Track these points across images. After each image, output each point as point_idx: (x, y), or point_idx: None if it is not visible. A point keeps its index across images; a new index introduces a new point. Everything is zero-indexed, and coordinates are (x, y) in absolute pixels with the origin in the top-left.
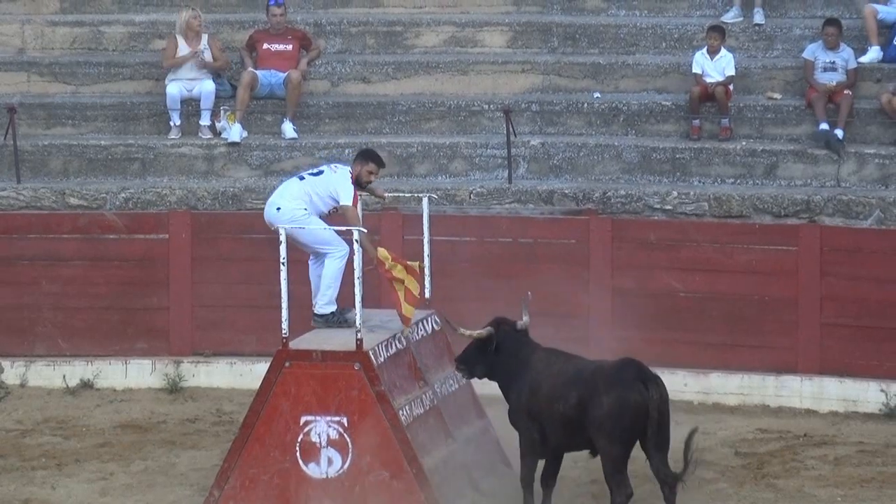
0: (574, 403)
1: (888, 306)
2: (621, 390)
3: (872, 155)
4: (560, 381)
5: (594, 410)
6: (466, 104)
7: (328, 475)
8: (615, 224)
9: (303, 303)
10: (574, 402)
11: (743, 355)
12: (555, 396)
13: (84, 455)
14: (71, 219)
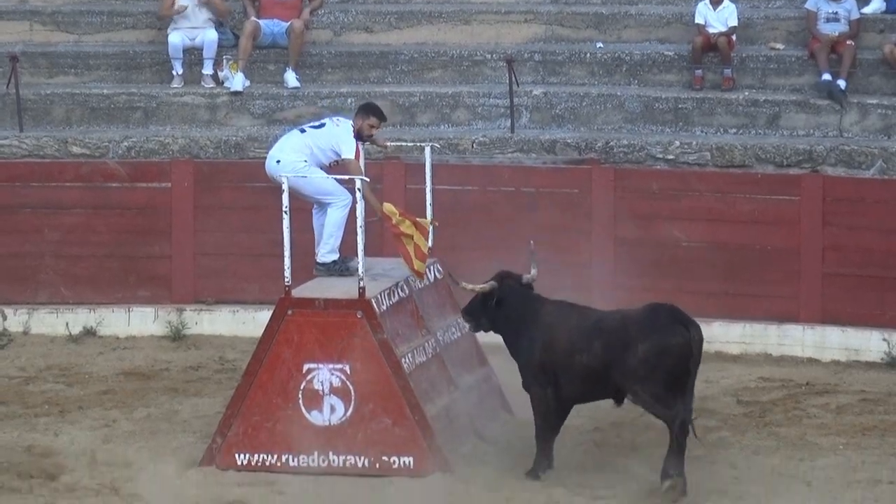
0: (599, 354)
1: (890, 256)
2: (660, 335)
3: (875, 105)
4: (579, 333)
5: (629, 359)
6: (469, 54)
7: (331, 422)
8: (617, 174)
9: (305, 251)
10: (599, 353)
11: (745, 304)
12: (575, 349)
13: (87, 402)
14: (73, 167)
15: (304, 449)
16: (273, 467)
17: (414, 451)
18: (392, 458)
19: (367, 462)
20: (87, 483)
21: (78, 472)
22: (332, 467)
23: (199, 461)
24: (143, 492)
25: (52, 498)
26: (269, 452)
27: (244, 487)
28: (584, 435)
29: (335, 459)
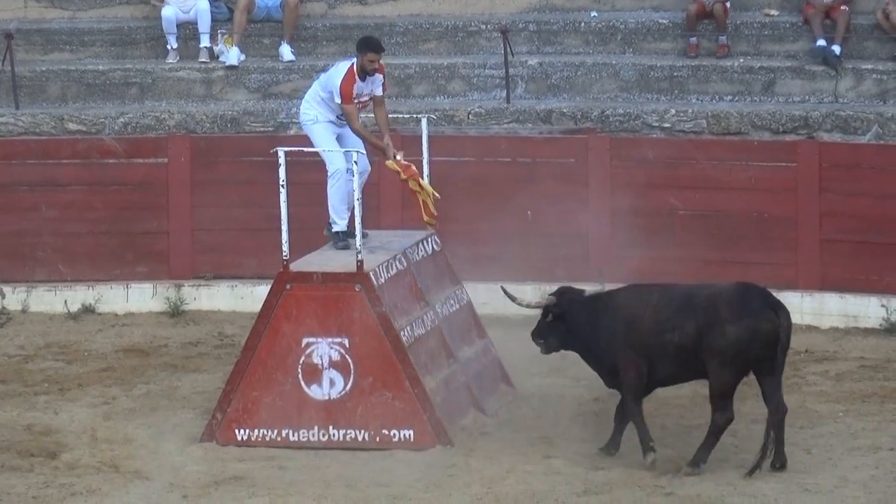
0: (691, 332)
1: (888, 221)
2: (751, 319)
3: (870, 70)
4: (667, 311)
5: (717, 339)
6: (464, 24)
7: (330, 396)
8: (613, 142)
9: (303, 225)
10: (691, 331)
11: (742, 272)
12: (664, 328)
13: (86, 380)
14: (70, 144)
15: (304, 423)
16: (273, 442)
17: (414, 424)
18: (392, 431)
19: (368, 436)
20: (87, 461)
21: (78, 449)
22: (332, 441)
23: (200, 437)
24: (144, 468)
25: (52, 476)
26: (269, 427)
27: (245, 463)
28: (584, 405)
29: (335, 434)
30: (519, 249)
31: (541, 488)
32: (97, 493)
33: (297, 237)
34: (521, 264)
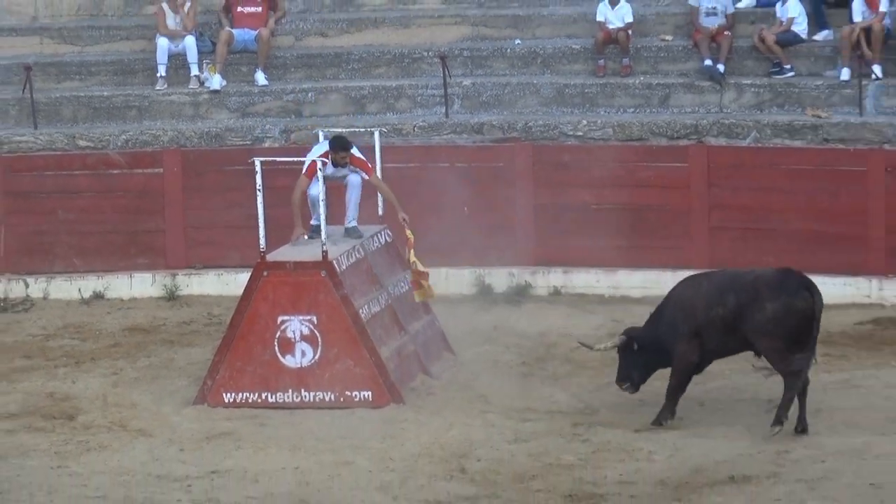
0: (733, 307)
1: (765, 211)
2: (787, 297)
3: (749, 85)
4: (714, 291)
5: (756, 314)
6: (409, 52)
7: (302, 365)
8: (535, 149)
9: (277, 223)
10: (733, 307)
11: (645, 256)
12: (712, 304)
13: (98, 354)
14: (80, 158)
15: (281, 388)
16: (255, 404)
17: (372, 386)
18: (354, 392)
19: (333, 397)
20: (100, 421)
21: (92, 412)
22: (304, 402)
23: (193, 400)
24: (147, 427)
25: (71, 435)
26: (251, 391)
27: (231, 421)
28: (514, 369)
29: (306, 395)
30: (457, 240)
31: (478, 438)
32: (108, 449)
33: (272, 233)
34: (460, 252)
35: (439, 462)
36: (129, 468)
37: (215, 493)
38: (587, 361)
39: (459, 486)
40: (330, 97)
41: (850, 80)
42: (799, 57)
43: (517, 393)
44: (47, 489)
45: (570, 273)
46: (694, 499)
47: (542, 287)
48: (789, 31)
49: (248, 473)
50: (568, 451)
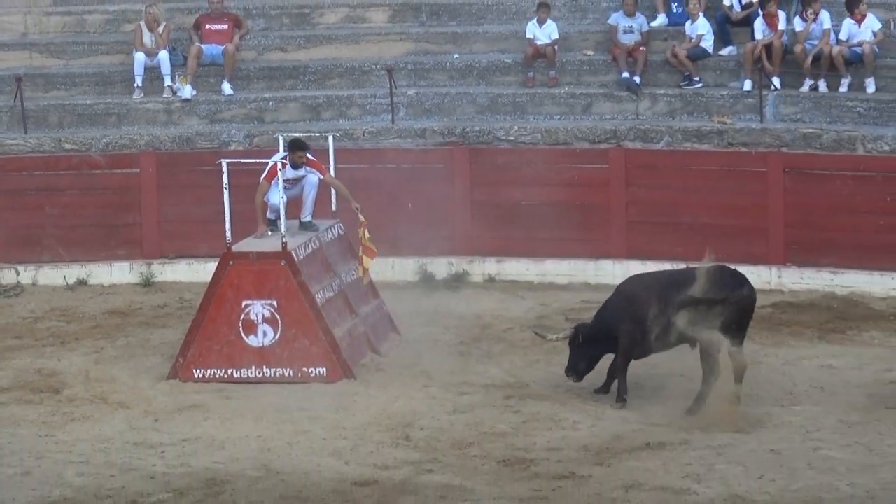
0: (678, 306)
1: (676, 206)
2: (728, 292)
3: (662, 94)
4: (660, 288)
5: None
6: (359, 65)
7: (264, 344)
8: (472, 152)
9: (241, 217)
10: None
11: (570, 247)
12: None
13: (81, 335)
14: (66, 159)
15: (245, 364)
16: (221, 379)
17: (326, 363)
18: (310, 369)
19: (292, 372)
20: (83, 395)
21: (76, 387)
22: (265, 377)
23: (166, 376)
24: (125, 400)
25: (57, 406)
26: (218, 368)
27: (201, 394)
28: (452, 348)
29: (268, 371)
30: (402, 232)
31: (421, 409)
32: (91, 419)
33: (237, 227)
34: (404, 243)
35: (386, 431)
36: (109, 436)
37: (186, 458)
38: (519, 341)
39: (404, 452)
40: (289, 105)
41: (751, 91)
42: (706, 70)
43: (456, 369)
44: (35, 455)
45: (503, 262)
46: (614, 463)
47: (477, 275)
48: (698, 47)
49: (216, 441)
50: (501, 421)
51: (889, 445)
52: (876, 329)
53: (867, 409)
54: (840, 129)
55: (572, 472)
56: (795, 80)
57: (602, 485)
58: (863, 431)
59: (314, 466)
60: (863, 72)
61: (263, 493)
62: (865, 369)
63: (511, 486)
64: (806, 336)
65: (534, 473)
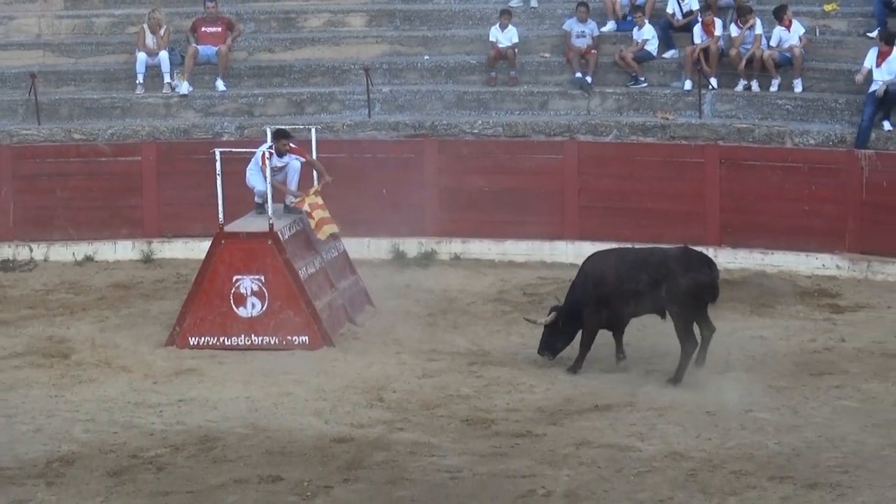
0: (646, 282)
1: (623, 193)
2: (695, 273)
3: (611, 93)
4: (625, 267)
5: (672, 288)
6: (339, 65)
7: (252, 315)
8: (440, 143)
9: (234, 201)
10: (646, 282)
11: (527, 229)
12: (624, 279)
13: (88, 305)
14: (75, 148)
15: (235, 333)
16: (214, 346)
17: (308, 332)
18: (294, 337)
19: (277, 340)
20: (89, 360)
21: (83, 352)
22: (253, 345)
23: (165, 343)
24: (127, 364)
25: (66, 370)
26: (211, 336)
27: (196, 360)
28: (422, 319)
29: (256, 339)
30: (377, 215)
31: (393, 373)
32: (96, 381)
33: (229, 209)
34: (379, 225)
35: (362, 393)
36: (113, 397)
37: (182, 417)
38: (481, 313)
39: (378, 412)
40: (276, 101)
41: (691, 90)
42: (651, 71)
43: (425, 338)
44: (46, 413)
45: (468, 243)
46: (566, 422)
47: (445, 253)
48: (643, 50)
49: (209, 401)
50: (465, 385)
51: (813, 408)
52: (801, 304)
53: (793, 376)
54: (770, 124)
55: (529, 430)
56: (730, 80)
57: (555, 442)
58: (789, 396)
59: (297, 425)
60: (791, 73)
61: (251, 448)
62: (792, 340)
63: (473, 443)
64: (739, 310)
65: (494, 432)
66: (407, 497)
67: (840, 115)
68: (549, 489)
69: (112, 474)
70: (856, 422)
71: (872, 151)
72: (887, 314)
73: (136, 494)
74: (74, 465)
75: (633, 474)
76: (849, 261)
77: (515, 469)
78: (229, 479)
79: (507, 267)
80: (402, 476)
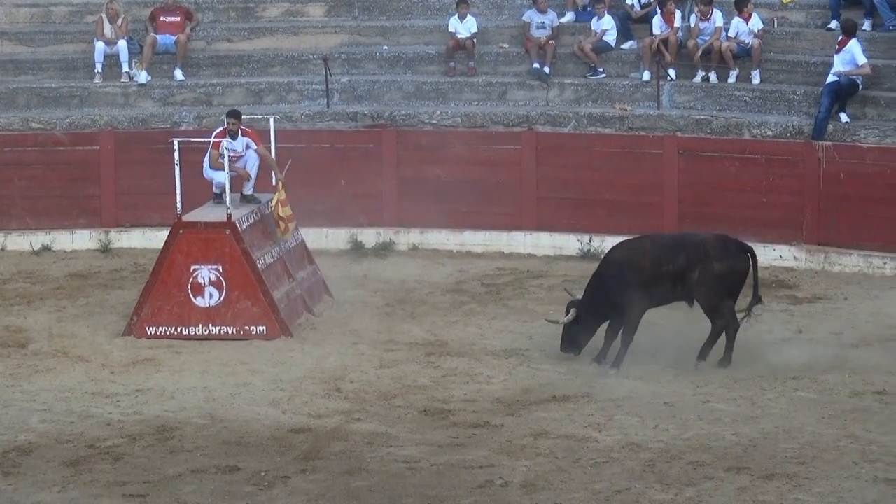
0: (682, 266)
1: (581, 184)
2: (733, 259)
3: (569, 84)
4: (661, 251)
5: (706, 273)
6: (298, 55)
7: (210, 305)
8: (399, 134)
9: (191, 190)
10: (682, 266)
11: (486, 219)
12: (661, 261)
13: (45, 295)
14: (33, 137)
15: (193, 323)
16: (171, 336)
17: (266, 322)
18: (251, 327)
19: (235, 330)
20: (46, 349)
21: (40, 342)
22: (211, 335)
23: (122, 332)
24: (84, 354)
25: (23, 360)
26: (168, 326)
27: (153, 350)
28: (379, 309)
29: (213, 329)
30: (335, 205)
31: (351, 364)
32: (53, 371)
33: (187, 199)
34: (337, 215)
35: (320, 383)
36: (70, 387)
37: (139, 407)
38: (439, 303)
39: (336, 402)
40: (234, 90)
41: (649, 81)
42: (609, 62)
43: (382, 328)
44: (3, 403)
45: (426, 233)
46: (524, 413)
47: (403, 244)
48: (602, 41)
49: (166, 391)
50: (423, 376)
51: (770, 399)
52: None
53: (751, 367)
54: (728, 115)
55: (486, 421)
56: (689, 71)
57: (513, 432)
58: (746, 387)
59: (254, 415)
60: (749, 65)
61: (208, 438)
62: (749, 331)
63: (431, 434)
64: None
65: (452, 422)
66: (364, 487)
67: (797, 107)
68: (507, 479)
69: (69, 464)
70: (812, 413)
71: (830, 143)
72: (844, 305)
73: (92, 484)
74: (31, 455)
75: (591, 465)
76: (806, 252)
77: (473, 459)
78: (186, 469)
79: (465, 257)
80: (359, 466)
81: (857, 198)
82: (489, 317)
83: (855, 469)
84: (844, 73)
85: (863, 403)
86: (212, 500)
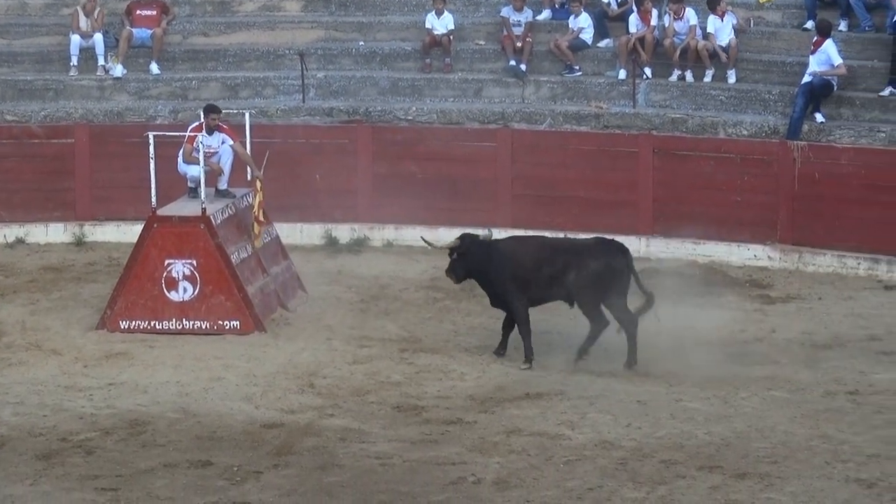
0: (560, 267)
1: (556, 181)
2: (608, 258)
3: (545, 81)
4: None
5: (582, 272)
6: (274, 50)
7: (184, 299)
8: (374, 130)
9: (165, 184)
10: (560, 266)
11: (461, 216)
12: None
13: (19, 288)
14: (7, 129)
15: (166, 317)
16: (146, 330)
17: (240, 317)
18: (225, 322)
19: (209, 325)
20: (20, 342)
21: (13, 335)
22: (185, 329)
23: (96, 326)
24: (58, 348)
25: None
26: (142, 320)
27: (126, 343)
28: (353, 305)
29: (187, 324)
30: (311, 200)
31: (324, 359)
32: (26, 364)
33: (161, 193)
34: (312, 211)
35: (293, 379)
36: (43, 380)
37: (112, 400)
38: (413, 300)
39: (309, 398)
40: (210, 85)
41: (625, 79)
42: (586, 60)
43: (356, 324)
44: None
45: (400, 229)
46: (497, 410)
47: (377, 240)
48: (578, 39)
49: (139, 385)
50: (396, 372)
51: (742, 398)
52: (732, 294)
53: (724, 366)
54: (704, 115)
55: (459, 418)
56: (665, 70)
57: (486, 429)
58: (719, 385)
59: (227, 410)
60: (725, 64)
61: (181, 432)
62: (722, 330)
63: (404, 430)
64: (670, 300)
65: (425, 419)
66: (337, 483)
67: (773, 107)
68: (479, 476)
69: (41, 457)
70: (785, 412)
71: (805, 143)
72: (818, 305)
73: (65, 478)
74: (3, 448)
75: (563, 462)
76: (780, 252)
77: (445, 456)
78: (159, 463)
79: (439, 254)
80: (332, 462)
81: (831, 198)
82: (463, 313)
83: (827, 469)
84: (820, 73)
85: (835, 403)
86: (184, 494)
